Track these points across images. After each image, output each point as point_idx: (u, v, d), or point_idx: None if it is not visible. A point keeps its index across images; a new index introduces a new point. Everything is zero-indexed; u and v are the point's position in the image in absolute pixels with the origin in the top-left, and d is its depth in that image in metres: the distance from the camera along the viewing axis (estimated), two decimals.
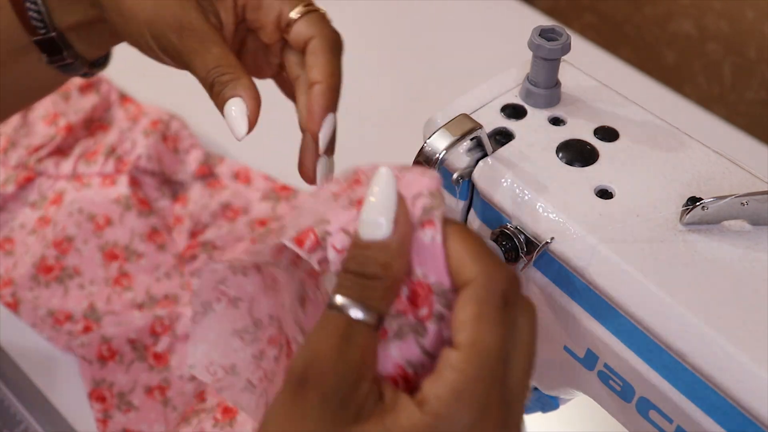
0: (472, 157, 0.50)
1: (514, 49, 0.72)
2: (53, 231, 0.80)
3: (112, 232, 0.80)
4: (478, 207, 0.52)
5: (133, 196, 0.82)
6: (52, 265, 0.78)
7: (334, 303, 0.39)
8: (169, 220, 0.83)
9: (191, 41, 0.57)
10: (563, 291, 0.49)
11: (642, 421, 0.48)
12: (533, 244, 0.49)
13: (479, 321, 0.39)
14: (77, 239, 0.80)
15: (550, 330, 0.51)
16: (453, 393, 0.38)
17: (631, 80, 0.99)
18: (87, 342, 0.73)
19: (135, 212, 0.81)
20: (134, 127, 0.89)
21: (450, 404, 0.38)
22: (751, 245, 0.46)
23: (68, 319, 0.75)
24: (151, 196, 0.84)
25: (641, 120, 0.53)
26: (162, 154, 0.86)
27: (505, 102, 0.53)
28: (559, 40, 0.51)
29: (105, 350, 0.73)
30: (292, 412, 0.38)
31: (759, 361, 0.42)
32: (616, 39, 1.25)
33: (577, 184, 0.49)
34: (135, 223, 0.81)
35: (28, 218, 0.83)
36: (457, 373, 0.38)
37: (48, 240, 0.80)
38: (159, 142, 0.86)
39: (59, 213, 0.82)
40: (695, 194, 0.48)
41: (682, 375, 0.44)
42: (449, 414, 0.38)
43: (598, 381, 0.50)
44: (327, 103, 0.59)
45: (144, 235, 0.80)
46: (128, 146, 0.86)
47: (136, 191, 0.82)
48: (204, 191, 0.85)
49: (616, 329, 0.47)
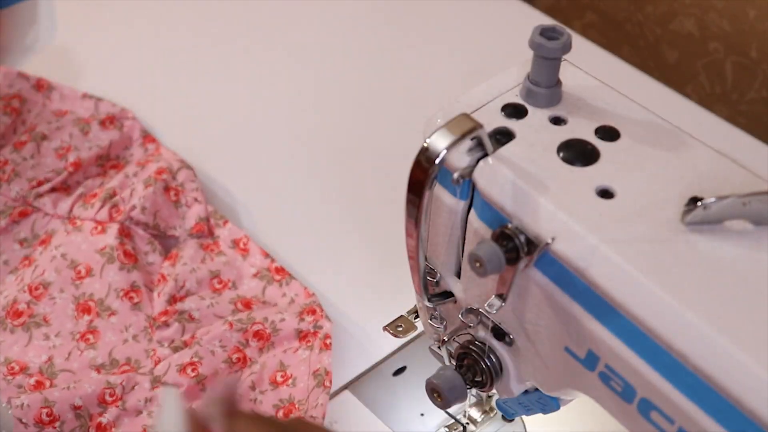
0: (473, 157, 0.50)
1: (514, 49, 0.71)
2: (32, 274, 0.77)
3: (90, 283, 0.77)
4: (479, 207, 0.52)
5: (119, 247, 0.78)
6: (22, 311, 0.75)
7: None
8: (153, 277, 0.79)
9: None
10: (564, 291, 0.49)
11: (643, 422, 0.48)
12: (534, 244, 0.49)
13: None
14: (53, 286, 0.76)
15: (550, 331, 0.51)
16: None
17: (632, 79, 0.99)
18: (27, 403, 0.69)
19: (117, 265, 0.77)
20: (140, 172, 0.85)
21: None
22: (753, 245, 0.46)
23: (23, 370, 0.72)
24: (140, 249, 0.79)
25: (642, 119, 0.52)
26: (160, 206, 0.81)
27: (506, 101, 0.53)
28: (559, 39, 0.51)
29: (45, 415, 0.68)
30: None
31: (761, 361, 0.41)
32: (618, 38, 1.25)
33: (578, 184, 0.49)
34: (115, 276, 0.77)
35: (14, 255, 0.80)
36: None
37: (24, 283, 0.77)
38: (159, 192, 0.82)
39: (43, 256, 0.79)
40: (697, 194, 0.48)
41: (683, 376, 0.44)
42: None
43: (599, 382, 0.50)
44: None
45: (121, 290, 0.76)
46: (127, 194, 0.82)
47: (124, 243, 0.78)
48: (197, 252, 0.80)
49: (618, 330, 0.47)
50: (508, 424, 0.70)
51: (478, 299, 0.55)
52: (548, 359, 0.53)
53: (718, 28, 1.12)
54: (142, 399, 0.71)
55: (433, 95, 0.97)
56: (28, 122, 0.90)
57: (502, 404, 0.61)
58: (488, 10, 1.07)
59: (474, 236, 0.53)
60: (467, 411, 0.69)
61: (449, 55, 1.02)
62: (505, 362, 0.56)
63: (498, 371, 0.57)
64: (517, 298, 0.52)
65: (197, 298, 0.76)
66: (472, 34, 1.04)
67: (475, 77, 0.55)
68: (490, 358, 0.56)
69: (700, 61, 1.17)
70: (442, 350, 0.60)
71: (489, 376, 0.57)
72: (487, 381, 0.57)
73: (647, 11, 1.19)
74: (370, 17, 1.06)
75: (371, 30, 1.04)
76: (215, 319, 0.75)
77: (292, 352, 0.73)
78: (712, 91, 1.18)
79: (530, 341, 0.53)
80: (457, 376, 0.57)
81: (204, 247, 0.81)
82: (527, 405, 0.59)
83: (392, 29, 1.05)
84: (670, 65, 1.21)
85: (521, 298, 0.51)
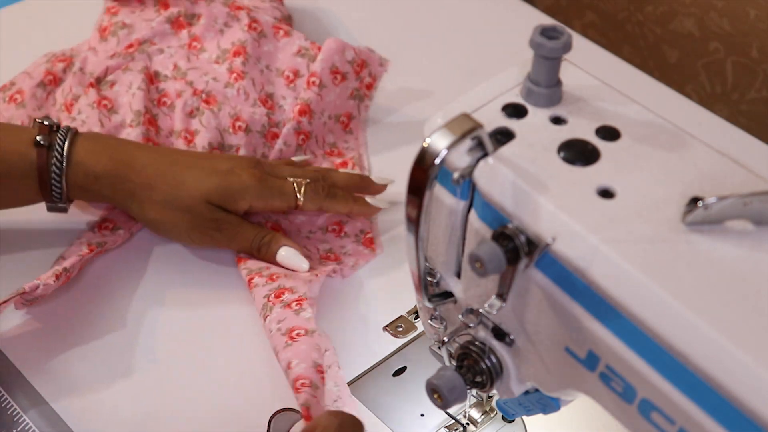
0: (473, 157, 0.50)
1: (515, 48, 0.71)
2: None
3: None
4: (479, 207, 0.52)
5: None
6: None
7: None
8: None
9: (229, 230, 0.77)
10: (564, 291, 0.49)
11: (644, 422, 0.48)
12: (534, 244, 0.48)
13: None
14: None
15: (551, 331, 0.51)
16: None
17: (632, 79, 0.99)
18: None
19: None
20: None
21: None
22: (754, 245, 0.46)
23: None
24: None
25: (643, 119, 0.52)
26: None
27: (506, 101, 0.53)
28: (560, 39, 0.50)
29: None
30: None
31: (761, 361, 0.41)
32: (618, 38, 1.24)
33: (579, 184, 0.49)
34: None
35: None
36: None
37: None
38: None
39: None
40: (697, 194, 0.48)
41: (684, 376, 0.44)
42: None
43: (599, 382, 0.49)
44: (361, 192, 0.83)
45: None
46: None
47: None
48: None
49: (618, 330, 0.47)
50: (508, 425, 0.69)
51: (479, 299, 0.55)
52: (548, 360, 0.53)
53: (718, 28, 1.12)
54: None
55: (433, 95, 0.96)
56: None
57: (503, 405, 0.61)
58: (488, 10, 1.07)
59: (474, 236, 0.53)
60: (467, 411, 0.69)
61: (449, 54, 1.02)
62: (505, 363, 0.56)
63: (498, 372, 0.56)
64: (517, 298, 0.52)
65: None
66: (473, 34, 1.04)
67: (475, 77, 0.56)
68: (491, 358, 0.56)
69: (701, 61, 1.17)
70: (442, 350, 0.60)
71: (489, 377, 0.57)
72: (487, 381, 0.57)
73: (647, 11, 1.19)
74: (369, 17, 1.06)
75: (371, 30, 1.04)
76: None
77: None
78: (712, 90, 1.18)
79: (530, 342, 0.53)
80: (457, 376, 0.57)
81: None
82: (527, 405, 0.59)
83: (392, 29, 1.05)
84: (670, 65, 1.21)
85: (521, 298, 0.51)
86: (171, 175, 0.76)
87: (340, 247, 0.81)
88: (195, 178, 0.76)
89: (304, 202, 0.78)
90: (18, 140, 0.75)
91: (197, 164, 0.77)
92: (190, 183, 0.76)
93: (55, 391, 0.72)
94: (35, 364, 0.73)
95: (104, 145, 0.76)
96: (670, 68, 1.21)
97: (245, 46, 0.90)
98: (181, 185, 0.76)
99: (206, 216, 0.76)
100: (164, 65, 0.91)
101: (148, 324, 0.76)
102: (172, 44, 0.93)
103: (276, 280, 0.75)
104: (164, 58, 0.91)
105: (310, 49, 0.91)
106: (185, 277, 0.79)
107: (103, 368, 0.73)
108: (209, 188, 0.76)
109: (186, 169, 0.76)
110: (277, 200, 0.78)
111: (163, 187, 0.75)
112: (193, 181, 0.76)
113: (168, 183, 0.76)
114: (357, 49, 0.90)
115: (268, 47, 0.92)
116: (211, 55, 0.92)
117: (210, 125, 0.86)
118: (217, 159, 0.79)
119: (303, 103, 0.88)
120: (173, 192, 0.75)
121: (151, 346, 0.75)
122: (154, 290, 0.79)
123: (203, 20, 0.93)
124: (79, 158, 0.75)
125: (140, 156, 0.76)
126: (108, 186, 0.76)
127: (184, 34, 0.93)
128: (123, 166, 0.75)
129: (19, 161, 0.74)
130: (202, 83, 0.89)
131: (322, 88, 0.88)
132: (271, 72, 0.91)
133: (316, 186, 0.79)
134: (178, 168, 0.76)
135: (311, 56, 0.91)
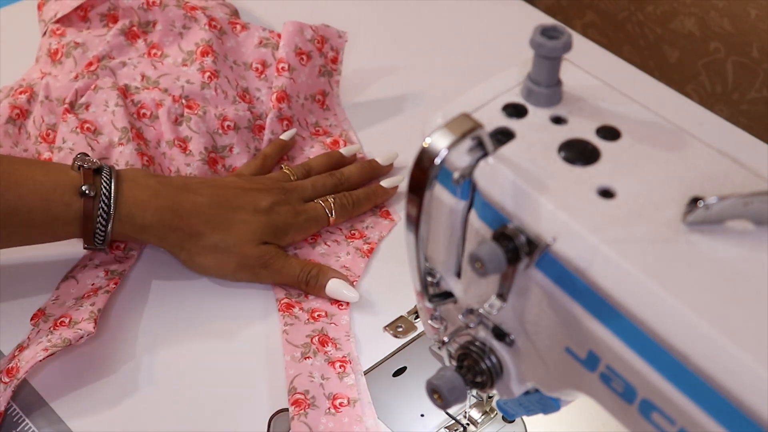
0: (473, 157, 0.50)
1: (515, 48, 0.71)
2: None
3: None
4: (479, 207, 0.52)
5: None
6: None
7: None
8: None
9: (277, 263, 0.77)
10: (565, 292, 0.49)
11: (644, 423, 0.48)
12: (534, 244, 0.48)
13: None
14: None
15: (551, 331, 0.51)
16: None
17: (633, 79, 0.99)
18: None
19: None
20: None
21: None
22: (755, 245, 0.46)
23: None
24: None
25: (643, 119, 0.52)
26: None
27: (506, 101, 0.53)
28: (560, 39, 0.50)
29: None
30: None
31: (762, 361, 0.41)
32: (618, 38, 1.24)
33: (579, 184, 0.49)
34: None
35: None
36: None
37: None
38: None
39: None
40: (698, 194, 0.47)
41: (684, 376, 0.44)
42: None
43: (599, 382, 0.49)
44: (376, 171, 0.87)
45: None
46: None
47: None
48: None
49: (619, 330, 0.47)
50: (508, 425, 0.69)
51: (479, 299, 0.55)
52: (549, 360, 0.52)
53: (718, 28, 1.12)
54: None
55: (433, 95, 0.96)
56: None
57: (503, 405, 0.61)
58: (488, 10, 1.07)
59: (474, 236, 0.53)
60: (467, 412, 0.69)
61: (450, 54, 1.02)
62: (505, 363, 0.56)
63: (498, 372, 0.56)
64: (517, 298, 0.52)
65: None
66: (473, 33, 1.04)
67: (475, 77, 0.55)
68: (491, 358, 0.56)
69: (701, 61, 1.17)
70: (443, 351, 0.60)
71: (489, 377, 0.57)
72: (487, 382, 0.57)
73: (648, 11, 1.19)
74: (369, 17, 1.06)
75: (371, 29, 1.04)
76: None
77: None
78: (712, 90, 1.18)
79: (531, 342, 0.53)
80: (458, 376, 0.57)
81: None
82: (528, 406, 0.59)
83: (392, 29, 1.05)
84: (670, 65, 1.21)
85: (522, 298, 0.51)
86: (218, 220, 0.76)
87: (360, 221, 0.84)
88: (242, 221, 0.76)
89: (335, 219, 0.82)
90: (62, 189, 0.72)
91: (240, 204, 0.77)
92: (238, 227, 0.76)
93: (56, 391, 0.72)
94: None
95: (150, 193, 0.75)
96: (671, 68, 1.21)
97: (211, 44, 0.90)
98: (230, 229, 0.76)
99: (254, 255, 0.77)
100: (131, 77, 0.90)
101: (148, 324, 0.76)
102: (132, 55, 0.92)
103: (318, 320, 0.76)
104: (128, 70, 0.90)
105: (271, 38, 0.92)
106: (185, 277, 0.80)
107: (104, 368, 0.73)
108: (256, 230, 0.77)
109: (231, 212, 0.77)
110: (313, 228, 0.81)
111: (212, 233, 0.76)
112: (241, 224, 0.76)
113: (216, 228, 0.76)
114: (314, 27, 0.92)
115: (231, 43, 0.92)
116: (176, 59, 0.91)
117: (201, 130, 0.86)
118: (255, 194, 0.79)
119: (279, 90, 0.89)
120: (222, 237, 0.76)
121: (151, 347, 0.75)
122: (154, 291, 0.79)
123: (160, 26, 0.92)
124: (126, 210, 0.73)
125: (184, 201, 0.76)
126: (155, 236, 0.75)
127: (141, 43, 0.92)
128: (169, 214, 0.75)
129: (64, 211, 0.72)
130: (177, 89, 0.88)
131: (292, 72, 0.90)
132: (239, 67, 0.92)
133: (343, 200, 0.82)
134: (223, 211, 0.76)
135: (274, 44, 0.92)
